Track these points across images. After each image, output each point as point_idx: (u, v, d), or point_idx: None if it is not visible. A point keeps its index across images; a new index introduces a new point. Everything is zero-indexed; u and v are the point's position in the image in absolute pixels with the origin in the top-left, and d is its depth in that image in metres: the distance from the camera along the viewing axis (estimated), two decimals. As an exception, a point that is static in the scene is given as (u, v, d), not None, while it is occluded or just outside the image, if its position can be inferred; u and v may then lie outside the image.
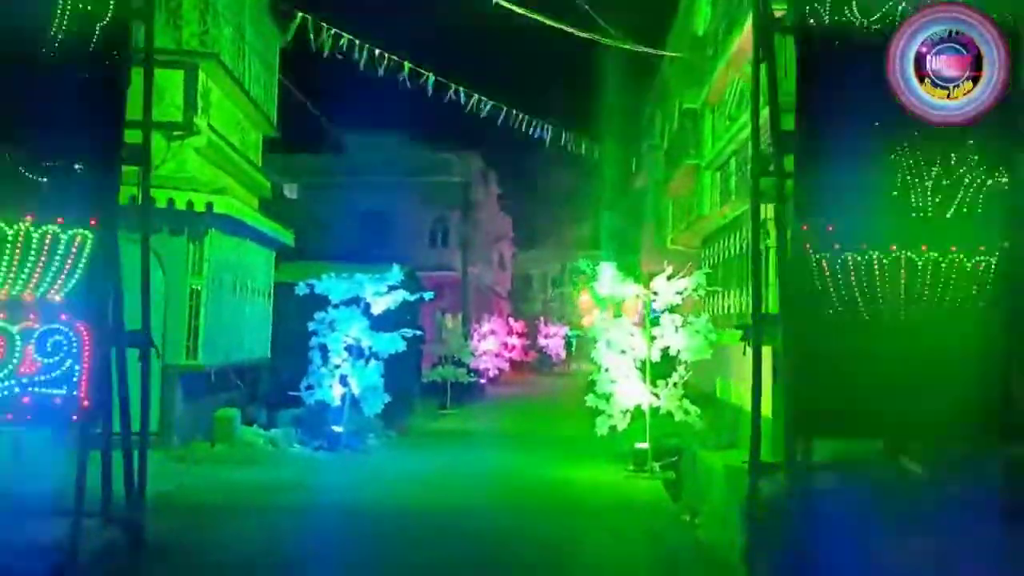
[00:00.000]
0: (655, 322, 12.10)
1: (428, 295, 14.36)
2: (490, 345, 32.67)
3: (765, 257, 11.78)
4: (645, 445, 12.05)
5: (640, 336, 12.21)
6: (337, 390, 13.75)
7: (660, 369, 12.29)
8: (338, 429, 13.84)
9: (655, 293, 12.22)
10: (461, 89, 13.24)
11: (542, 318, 52.21)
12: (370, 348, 13.84)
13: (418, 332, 14.59)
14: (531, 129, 15.08)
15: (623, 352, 12.19)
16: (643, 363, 12.13)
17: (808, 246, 6.67)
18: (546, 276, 73.69)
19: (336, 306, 13.81)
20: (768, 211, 11.40)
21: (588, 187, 52.80)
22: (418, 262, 24.59)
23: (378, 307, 13.91)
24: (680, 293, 12.17)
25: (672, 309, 12.27)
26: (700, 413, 11.86)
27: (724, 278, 13.46)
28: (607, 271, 12.19)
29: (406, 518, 9.56)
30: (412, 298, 14.14)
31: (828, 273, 6.55)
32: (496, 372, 33.13)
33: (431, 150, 40.42)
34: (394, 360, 14.16)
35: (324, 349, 13.85)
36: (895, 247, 6.51)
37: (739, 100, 13.39)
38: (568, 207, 58.00)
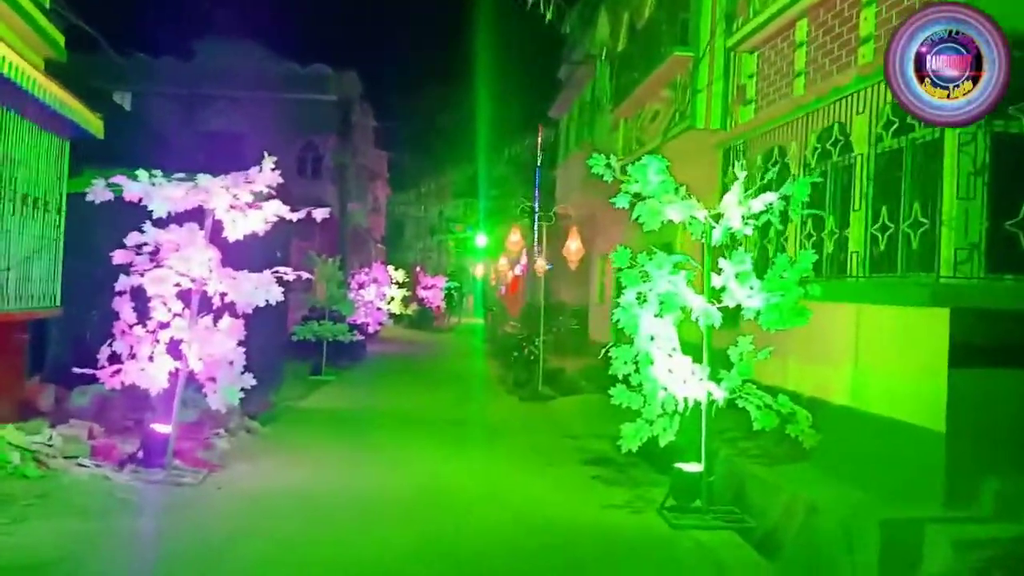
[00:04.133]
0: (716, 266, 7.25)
1: (321, 212, 8.77)
2: (371, 295, 27.53)
3: (910, 158, 7.14)
4: (697, 467, 7.21)
5: (685, 288, 7.32)
6: (162, 365, 8.14)
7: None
8: (163, 430, 8.23)
9: (718, 216, 7.34)
10: None
11: (419, 267, 47.68)
12: (223, 297, 8.27)
13: (303, 274, 8.99)
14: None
15: (659, 315, 7.29)
16: (704, 332, 7.25)
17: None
18: (420, 223, 68.82)
19: (162, 223, 8.13)
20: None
21: (467, 129, 47.58)
22: (284, 193, 18.74)
23: (237, 229, 8.32)
24: (753, 219, 7.34)
25: (723, 249, 7.44)
26: (810, 419, 7.06)
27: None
28: (654, 169, 7.10)
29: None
30: (295, 217, 8.59)
31: None
32: (377, 327, 27.97)
33: (300, 65, 34.09)
34: (254, 312, 8.61)
35: (142, 297, 8.19)
36: None
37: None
38: (444, 150, 53.24)
